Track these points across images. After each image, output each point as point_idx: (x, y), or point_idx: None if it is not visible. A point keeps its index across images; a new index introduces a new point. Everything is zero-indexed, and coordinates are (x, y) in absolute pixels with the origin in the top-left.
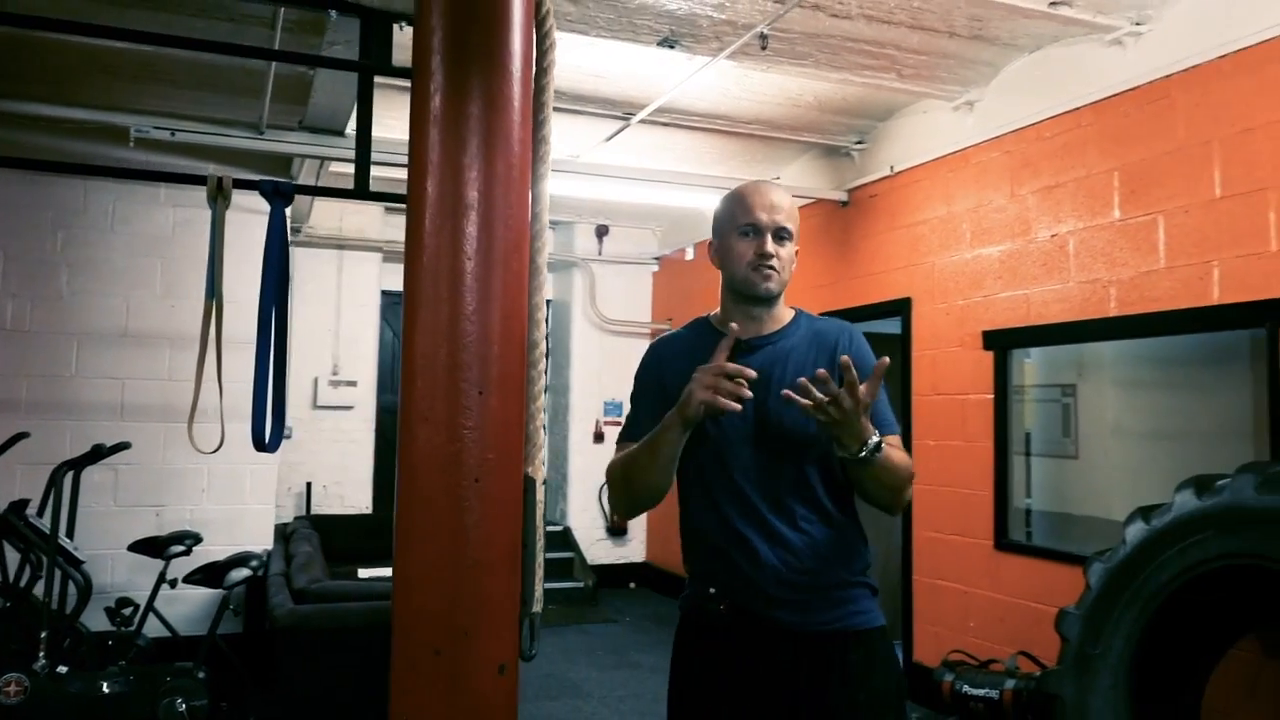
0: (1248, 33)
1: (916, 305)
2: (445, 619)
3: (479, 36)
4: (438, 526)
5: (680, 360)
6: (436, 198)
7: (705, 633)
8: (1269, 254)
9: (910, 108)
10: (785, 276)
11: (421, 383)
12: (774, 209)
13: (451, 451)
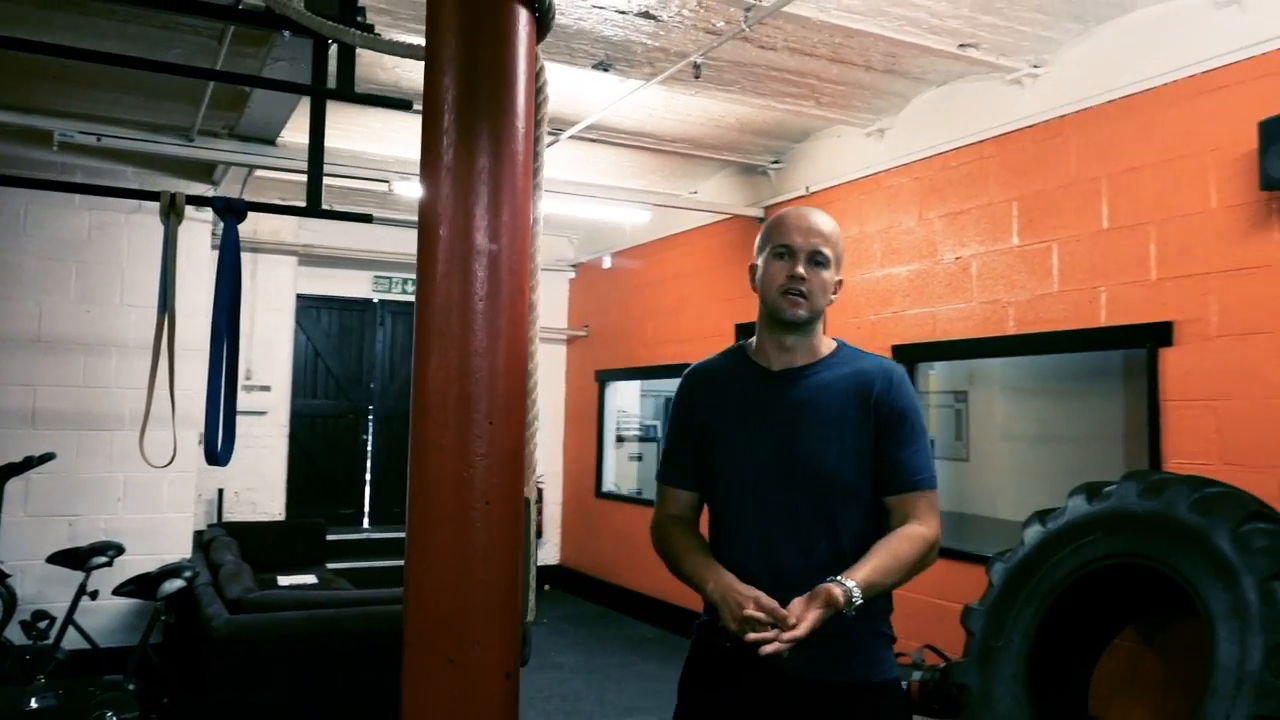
0: (1132, 81)
1: (830, 320)
2: (458, 631)
3: (488, 93)
4: (451, 546)
5: (710, 390)
6: (448, 243)
7: (712, 668)
8: (1149, 282)
9: (825, 132)
10: (818, 304)
11: (435, 414)
12: (810, 232)
13: (465, 477)
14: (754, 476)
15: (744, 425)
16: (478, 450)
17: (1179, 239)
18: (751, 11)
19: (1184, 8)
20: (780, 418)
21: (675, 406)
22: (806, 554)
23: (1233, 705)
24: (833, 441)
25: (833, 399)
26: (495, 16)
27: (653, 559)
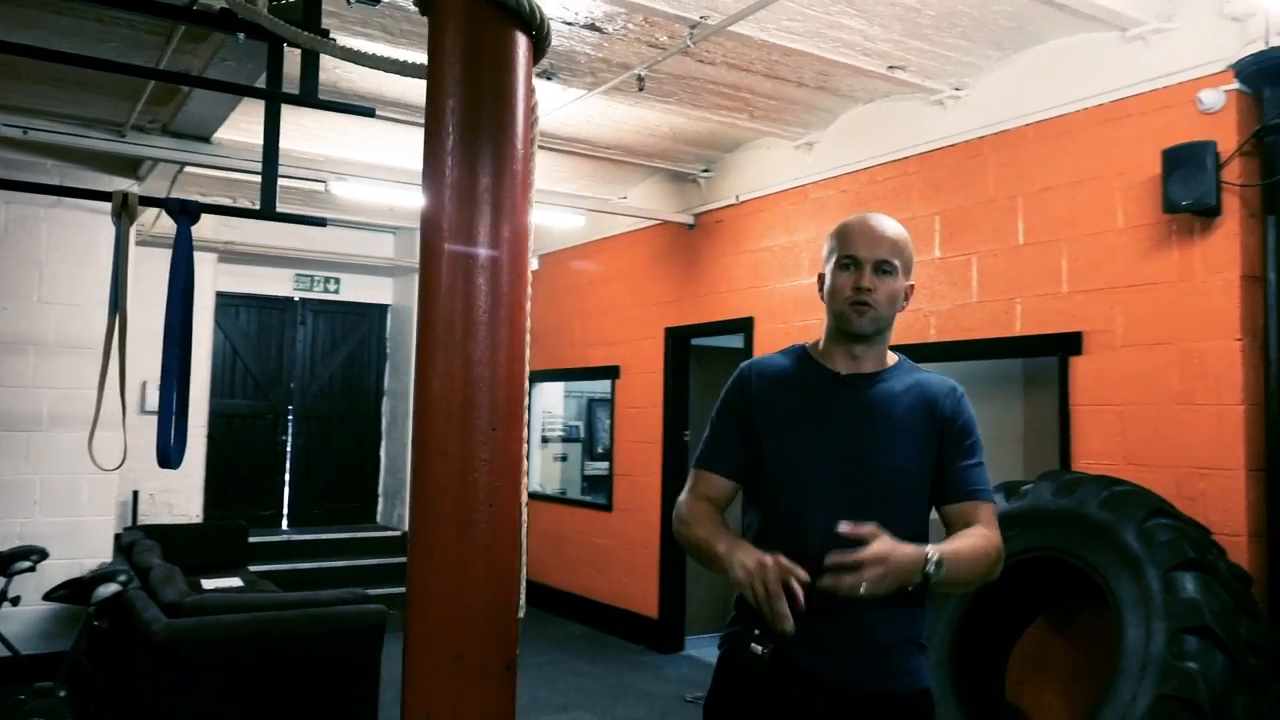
0: (1046, 107)
1: (758, 324)
2: (464, 626)
3: (490, 114)
4: (455, 547)
5: (771, 388)
6: (451, 258)
7: (741, 677)
8: (1061, 294)
9: (755, 143)
10: (885, 313)
11: (439, 421)
12: (876, 242)
13: (469, 481)
14: (819, 476)
15: (810, 425)
16: (481, 455)
17: (1088, 255)
18: (696, 29)
19: (1093, 41)
20: (849, 421)
21: (728, 396)
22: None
23: (1139, 685)
24: (900, 447)
25: (900, 407)
26: (496, 41)
27: (579, 558)
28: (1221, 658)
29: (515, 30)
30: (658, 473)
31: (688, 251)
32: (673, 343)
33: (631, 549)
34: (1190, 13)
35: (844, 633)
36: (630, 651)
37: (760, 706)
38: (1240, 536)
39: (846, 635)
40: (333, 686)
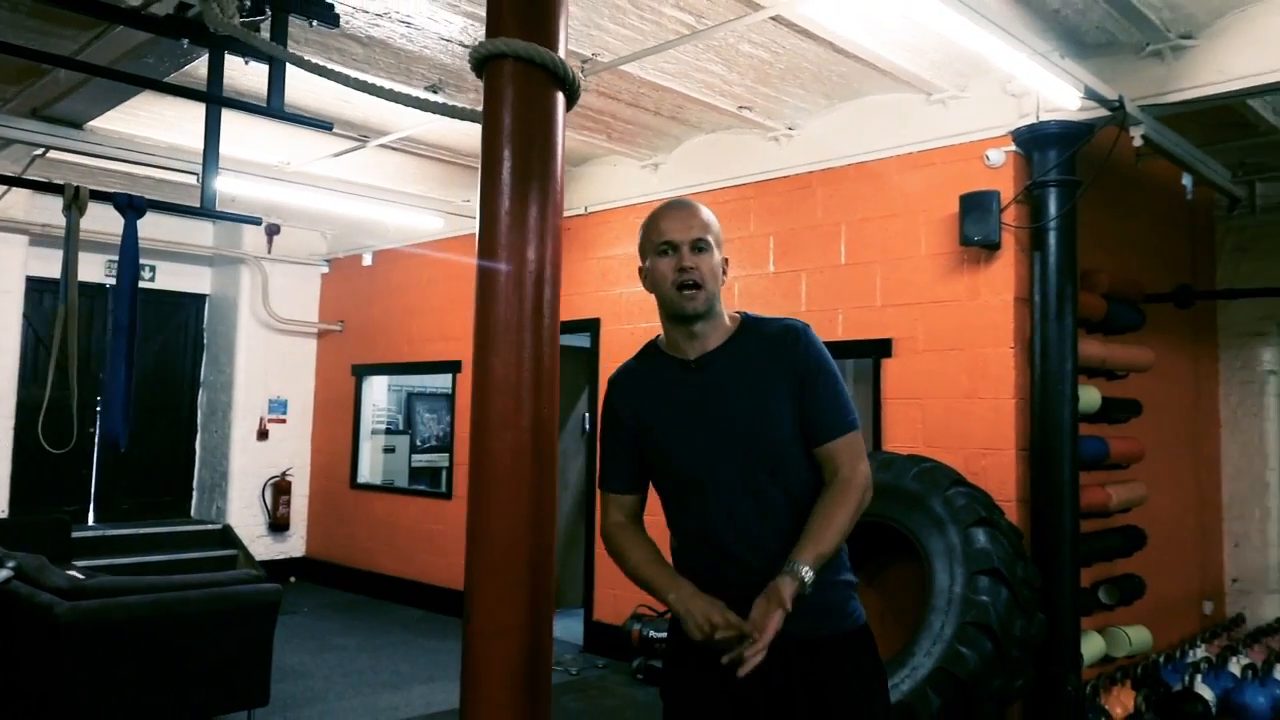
0: (865, 151)
1: (605, 324)
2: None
3: (537, 157)
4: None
5: (637, 391)
6: (508, 274)
7: (691, 645)
8: (875, 307)
9: (604, 159)
10: (712, 288)
11: (500, 400)
12: (687, 224)
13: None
14: (703, 460)
15: (679, 415)
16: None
17: (898, 276)
18: (588, 64)
19: (905, 100)
20: (711, 400)
21: (605, 414)
22: (767, 517)
23: (946, 617)
24: (765, 409)
25: (754, 370)
26: (541, 98)
27: (416, 545)
28: (1005, 592)
29: (555, 89)
30: None
31: None
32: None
33: None
34: (980, 86)
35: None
36: None
37: (712, 669)
38: (1012, 501)
39: None
40: (231, 662)
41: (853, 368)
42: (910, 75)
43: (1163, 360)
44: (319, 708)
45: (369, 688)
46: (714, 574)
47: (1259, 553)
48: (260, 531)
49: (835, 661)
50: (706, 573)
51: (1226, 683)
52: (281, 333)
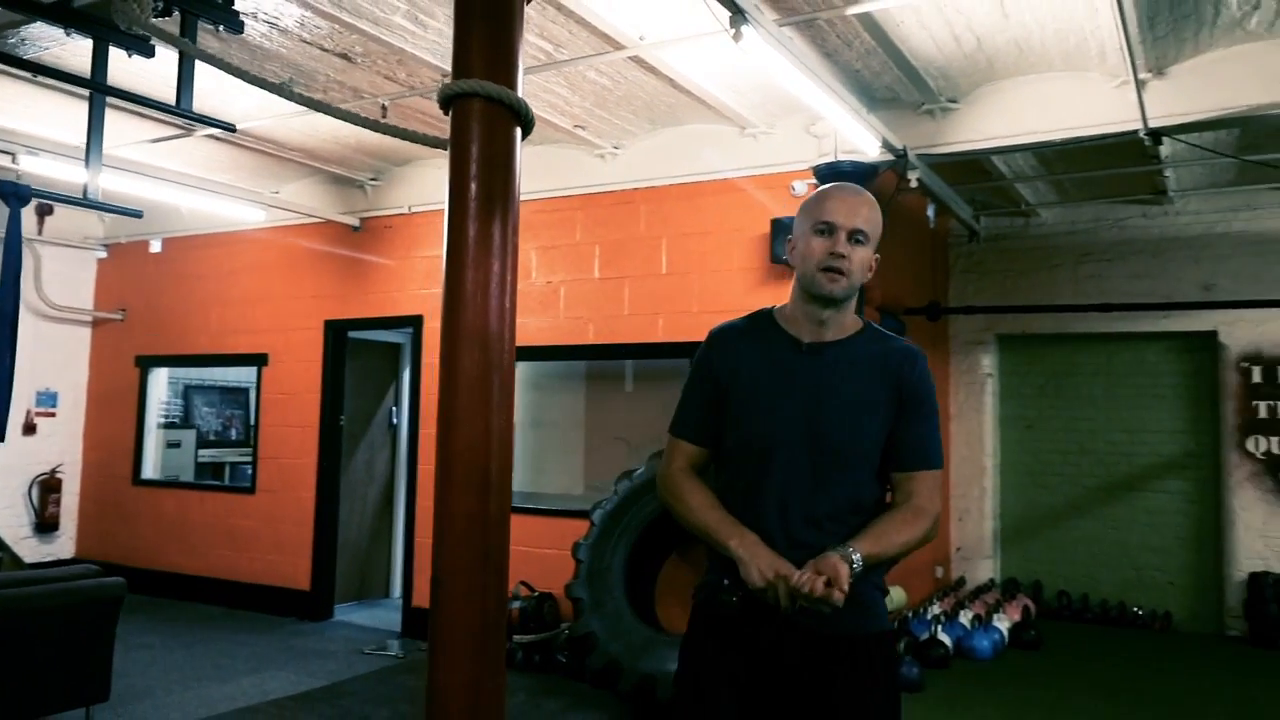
0: (685, 173)
1: (428, 321)
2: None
3: (499, 184)
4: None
5: (735, 354)
6: (472, 283)
7: (715, 624)
8: (692, 313)
9: (428, 161)
10: (855, 281)
11: (465, 397)
12: (853, 211)
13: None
14: (777, 440)
15: (771, 390)
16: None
17: (713, 286)
18: (449, 79)
19: (722, 131)
20: (809, 388)
21: (697, 364)
22: (817, 518)
23: None
24: (858, 416)
25: (861, 375)
26: (504, 132)
27: (212, 541)
28: None
29: (514, 124)
30: (313, 455)
31: (354, 250)
32: (333, 334)
33: (281, 527)
34: (787, 125)
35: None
36: (283, 623)
37: (733, 647)
38: None
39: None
40: (71, 658)
41: (668, 368)
42: (731, 111)
43: None
44: (152, 702)
45: (195, 681)
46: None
47: (977, 525)
48: (25, 533)
49: (849, 661)
50: None
51: (959, 631)
52: (53, 320)
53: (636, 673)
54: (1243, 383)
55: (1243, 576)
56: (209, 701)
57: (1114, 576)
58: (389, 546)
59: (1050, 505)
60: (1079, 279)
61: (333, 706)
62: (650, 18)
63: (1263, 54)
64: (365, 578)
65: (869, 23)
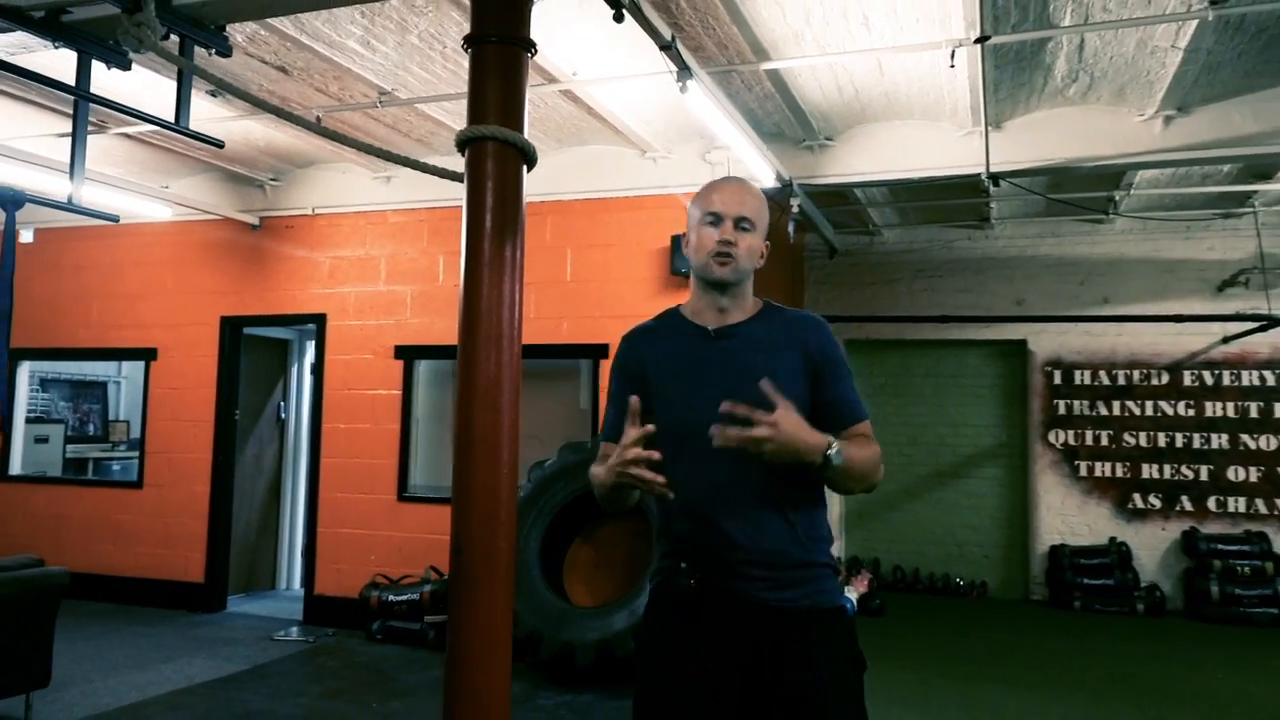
0: (590, 189)
1: (331, 320)
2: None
3: (510, 212)
4: (490, 456)
5: (649, 352)
6: (488, 298)
7: (674, 605)
8: (594, 318)
9: (333, 164)
10: (745, 265)
11: (484, 385)
12: (736, 200)
13: (499, 421)
14: (701, 425)
15: (690, 379)
16: (506, 407)
17: (615, 294)
18: (386, 98)
19: (625, 153)
20: (725, 370)
21: (615, 369)
22: (758, 494)
23: None
24: (776, 387)
25: (772, 349)
26: (513, 169)
27: (94, 537)
28: None
29: (521, 162)
30: (207, 449)
31: (251, 249)
32: (229, 330)
33: (172, 521)
34: (684, 150)
35: (757, 557)
36: (175, 615)
37: (691, 627)
38: None
39: (761, 559)
40: (17, 644)
41: (571, 367)
42: (636, 136)
43: None
44: (82, 689)
45: (115, 670)
46: (694, 539)
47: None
48: None
49: (805, 635)
50: (686, 537)
51: None
52: None
53: (557, 641)
54: (1046, 384)
55: (1045, 549)
56: (139, 686)
57: (940, 552)
58: (275, 539)
59: (887, 491)
60: (914, 292)
61: (265, 686)
62: (584, 56)
63: (1078, 117)
64: (253, 570)
65: (773, 74)
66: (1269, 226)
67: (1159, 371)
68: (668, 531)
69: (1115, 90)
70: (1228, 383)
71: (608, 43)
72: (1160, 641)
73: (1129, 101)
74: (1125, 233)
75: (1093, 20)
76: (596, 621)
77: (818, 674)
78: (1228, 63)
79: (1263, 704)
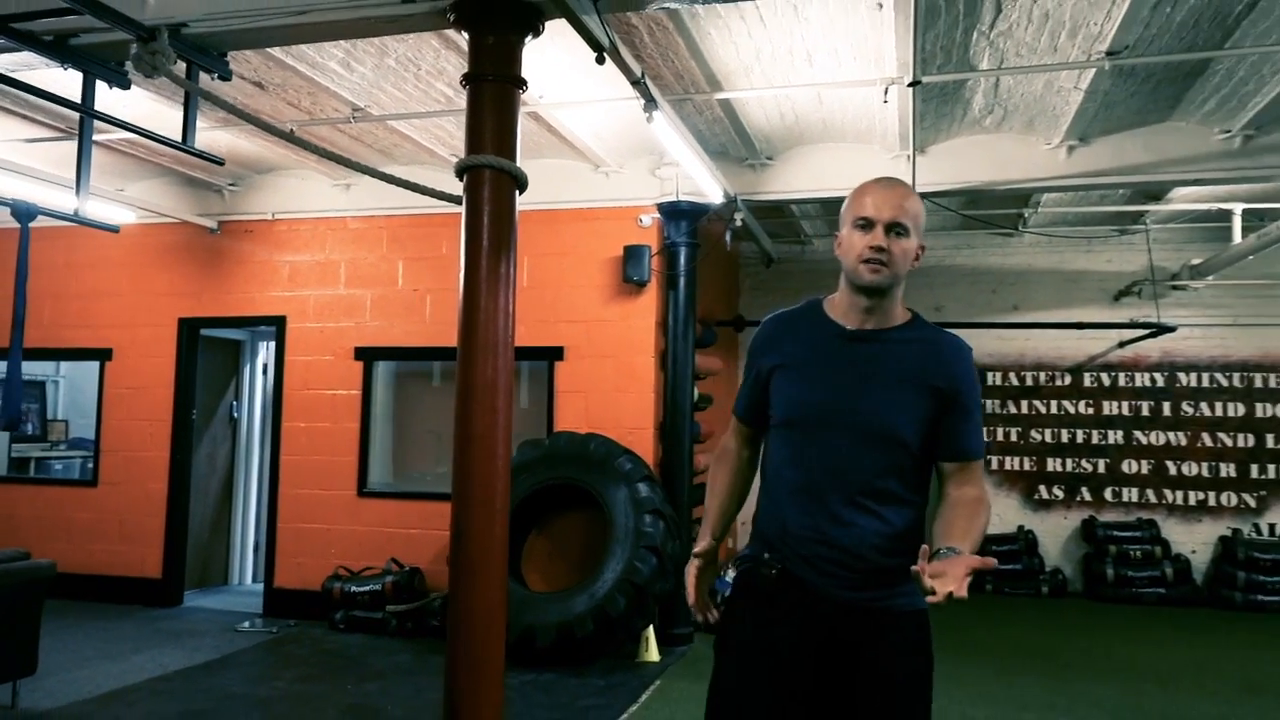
0: (545, 200)
1: (291, 322)
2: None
3: (504, 230)
4: (487, 451)
5: (783, 340)
6: (485, 309)
7: (755, 592)
8: (551, 322)
9: (293, 171)
10: (897, 270)
11: (481, 389)
12: (889, 205)
13: (495, 420)
14: (815, 421)
15: (814, 373)
16: (501, 406)
17: (571, 300)
18: (359, 113)
19: (576, 166)
20: (850, 373)
21: (751, 349)
22: (859, 499)
23: (625, 545)
24: (897, 402)
25: (903, 363)
26: (506, 194)
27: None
28: (663, 524)
29: (514, 187)
30: (165, 448)
31: (209, 252)
32: (187, 331)
33: (128, 519)
34: (635, 166)
35: (844, 556)
36: (134, 610)
37: (770, 617)
38: (651, 464)
39: (848, 561)
40: (6, 633)
41: (528, 368)
42: (590, 152)
43: (725, 367)
44: (61, 678)
45: (87, 661)
46: (786, 529)
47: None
48: None
49: (882, 633)
50: (779, 526)
51: None
52: None
53: (520, 624)
54: None
55: None
56: (114, 675)
57: None
58: (228, 536)
59: None
60: None
61: (239, 672)
62: (551, 80)
63: (993, 144)
64: (207, 566)
65: (724, 101)
66: (1159, 242)
67: (1062, 373)
68: (764, 513)
69: (1025, 122)
70: (1123, 384)
71: (573, 67)
72: (1062, 619)
73: (1037, 132)
74: (1033, 246)
75: (1007, 64)
76: (556, 606)
77: (892, 677)
78: (1122, 101)
79: (1148, 669)
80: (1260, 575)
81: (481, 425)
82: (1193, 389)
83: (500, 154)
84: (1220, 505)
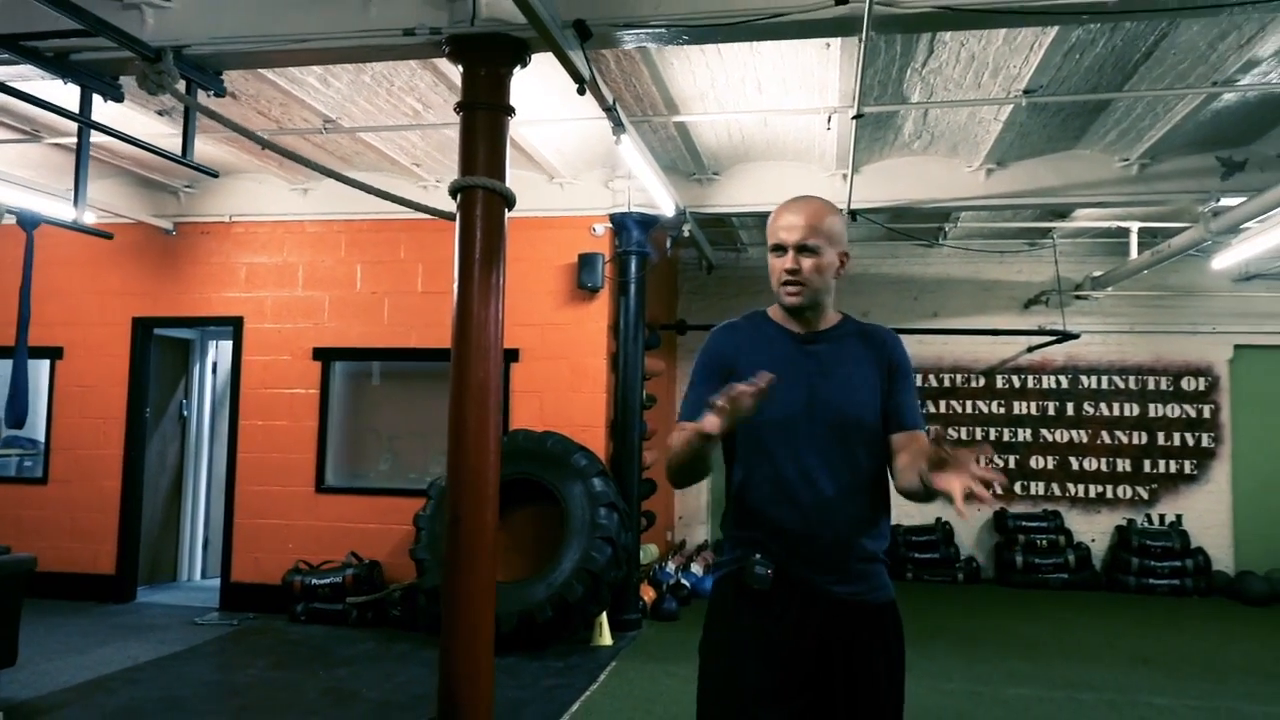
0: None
1: (248, 323)
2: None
3: (495, 244)
4: (480, 445)
5: (742, 345)
6: (478, 317)
7: (745, 594)
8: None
9: (248, 174)
10: (816, 286)
11: (475, 388)
12: (793, 227)
13: (486, 416)
14: (788, 418)
15: (783, 372)
16: (491, 403)
17: (527, 304)
18: (330, 125)
19: (532, 176)
20: (811, 371)
21: (706, 358)
22: (836, 479)
23: (581, 536)
24: (859, 390)
25: (853, 356)
26: (497, 212)
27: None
28: (617, 516)
29: (504, 206)
30: (118, 445)
31: (165, 252)
32: (141, 330)
33: (80, 516)
34: (589, 178)
35: (832, 551)
36: (88, 606)
37: (767, 618)
38: (604, 460)
39: (834, 551)
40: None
41: None
42: (547, 164)
43: (667, 369)
44: (33, 670)
45: (55, 654)
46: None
47: (695, 497)
48: None
49: (869, 627)
50: (764, 525)
51: (693, 577)
52: None
53: None
54: None
55: None
56: (86, 667)
57: None
58: (178, 533)
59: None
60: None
61: (210, 662)
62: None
63: (919, 165)
64: (156, 562)
65: (679, 123)
66: (1065, 256)
67: (977, 376)
68: (744, 518)
69: (950, 147)
70: (1031, 386)
71: (536, 87)
72: (977, 602)
73: (960, 156)
74: (951, 257)
75: (935, 98)
76: (517, 594)
77: (877, 669)
78: (1036, 131)
79: (1054, 644)
80: (1151, 561)
81: (474, 421)
82: (1093, 390)
83: (491, 175)
84: (1117, 497)
